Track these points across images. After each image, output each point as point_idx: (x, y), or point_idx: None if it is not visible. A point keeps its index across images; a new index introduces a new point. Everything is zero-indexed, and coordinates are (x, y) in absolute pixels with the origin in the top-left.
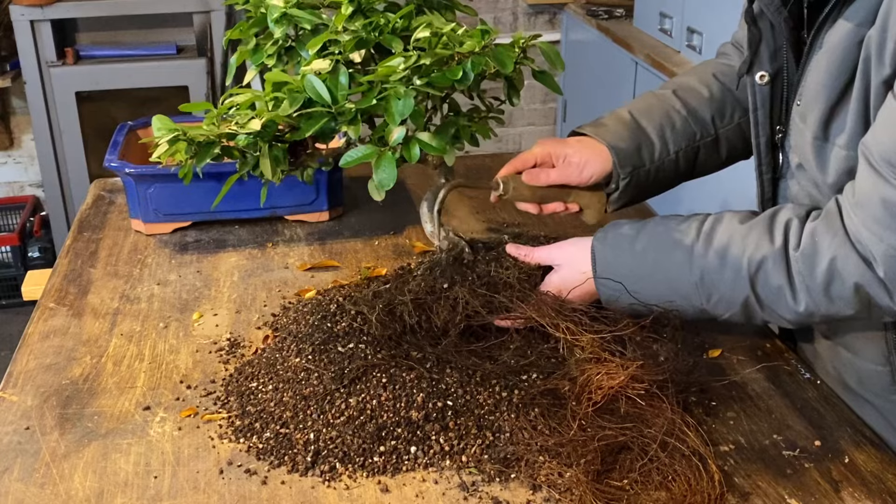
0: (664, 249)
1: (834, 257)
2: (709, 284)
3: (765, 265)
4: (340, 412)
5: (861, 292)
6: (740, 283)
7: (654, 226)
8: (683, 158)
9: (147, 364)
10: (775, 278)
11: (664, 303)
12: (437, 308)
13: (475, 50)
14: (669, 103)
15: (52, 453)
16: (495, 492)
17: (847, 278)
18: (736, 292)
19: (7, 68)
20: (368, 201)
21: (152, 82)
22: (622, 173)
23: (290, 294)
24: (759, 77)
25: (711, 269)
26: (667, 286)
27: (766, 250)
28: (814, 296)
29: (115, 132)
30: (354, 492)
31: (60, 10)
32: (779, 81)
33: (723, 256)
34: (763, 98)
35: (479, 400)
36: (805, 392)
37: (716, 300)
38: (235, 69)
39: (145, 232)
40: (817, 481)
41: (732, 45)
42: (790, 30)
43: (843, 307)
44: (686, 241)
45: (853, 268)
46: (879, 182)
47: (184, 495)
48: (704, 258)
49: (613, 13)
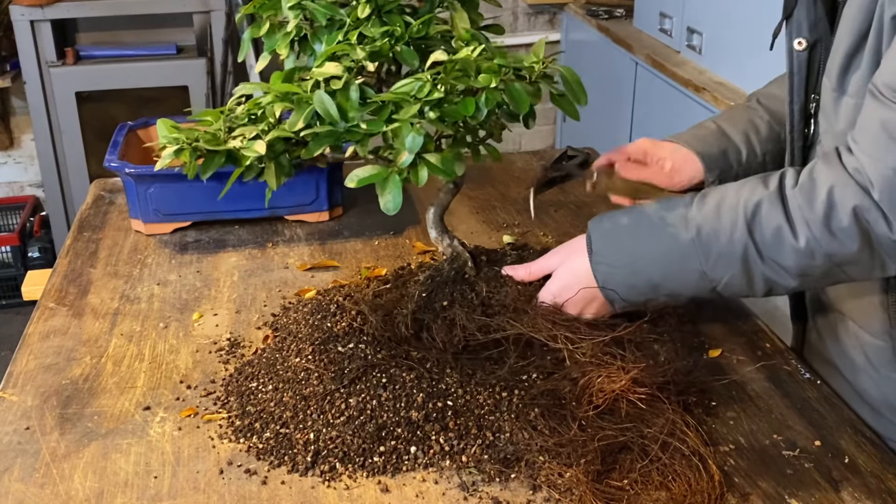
0: (659, 215)
1: (832, 186)
2: (706, 239)
3: (761, 207)
4: (340, 412)
5: (860, 221)
6: (738, 231)
7: (651, 203)
8: (771, 161)
9: (147, 364)
10: (773, 218)
11: (661, 278)
12: (435, 328)
13: (491, 85)
14: (752, 110)
15: (52, 453)
16: (495, 492)
17: (846, 204)
18: (734, 243)
19: (7, 68)
20: (368, 201)
21: (152, 82)
22: (710, 177)
23: (290, 294)
24: (796, 43)
25: (707, 222)
26: (664, 251)
27: (762, 193)
28: (814, 229)
29: (115, 132)
30: (354, 492)
31: (60, 10)
32: (817, 51)
33: (718, 208)
34: (800, 64)
35: (479, 400)
36: (805, 392)
37: (714, 257)
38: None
39: (145, 232)
40: (817, 481)
41: None
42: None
43: (845, 240)
44: (680, 205)
45: (851, 194)
46: (880, 107)
47: (184, 495)
48: (700, 213)
49: (613, 13)
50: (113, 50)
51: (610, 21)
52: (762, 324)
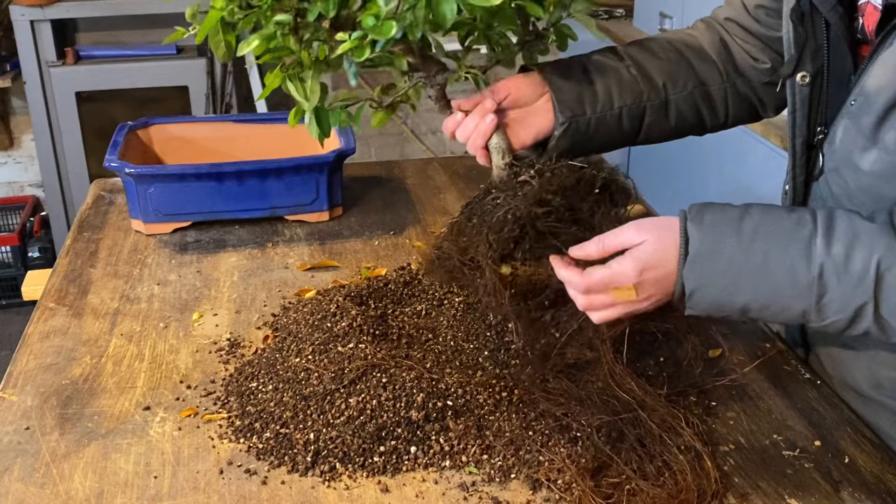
0: (778, 237)
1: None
2: (826, 282)
3: (894, 270)
4: (340, 412)
5: None
6: (863, 285)
7: (759, 211)
8: (627, 115)
9: (147, 364)
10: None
11: (757, 308)
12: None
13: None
14: (621, 61)
15: (52, 453)
16: (495, 492)
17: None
18: (855, 295)
19: (7, 68)
20: (368, 201)
21: (152, 82)
22: (561, 118)
23: (290, 294)
24: (799, 77)
25: (833, 268)
26: (775, 282)
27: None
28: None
29: (115, 132)
30: (354, 492)
31: (60, 10)
32: (819, 81)
33: (847, 255)
34: (803, 99)
35: (479, 400)
36: (805, 392)
37: (826, 301)
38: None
39: (145, 232)
40: (817, 481)
41: (704, 22)
42: (846, 28)
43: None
44: (803, 231)
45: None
46: None
47: (184, 495)
48: (827, 252)
49: (613, 13)
50: (113, 50)
51: (610, 21)
52: (762, 324)
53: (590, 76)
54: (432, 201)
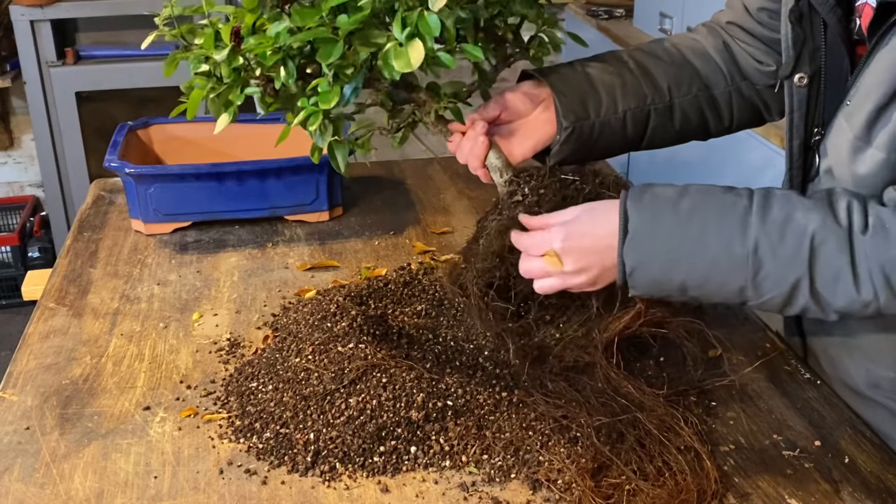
0: (714, 214)
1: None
2: (762, 257)
3: (827, 245)
4: (340, 412)
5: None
6: (798, 259)
7: (696, 190)
8: (631, 119)
9: (147, 364)
10: (837, 260)
11: (696, 284)
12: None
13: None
14: (624, 65)
15: (52, 453)
16: (495, 492)
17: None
18: (790, 270)
19: (7, 68)
20: (368, 201)
21: (152, 82)
22: (564, 122)
23: (290, 294)
24: (797, 78)
25: (769, 241)
26: (711, 257)
27: (831, 229)
28: (877, 285)
29: (115, 132)
30: (354, 492)
31: (60, 10)
32: (816, 82)
33: (783, 228)
34: (800, 100)
35: (479, 400)
36: (805, 392)
37: (762, 277)
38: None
39: (145, 232)
40: (817, 481)
41: (706, 27)
42: (844, 29)
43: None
44: (738, 207)
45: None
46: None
47: (184, 495)
48: (762, 227)
49: (613, 13)
50: (113, 50)
51: (610, 21)
52: (762, 324)
53: (592, 80)
54: (432, 201)
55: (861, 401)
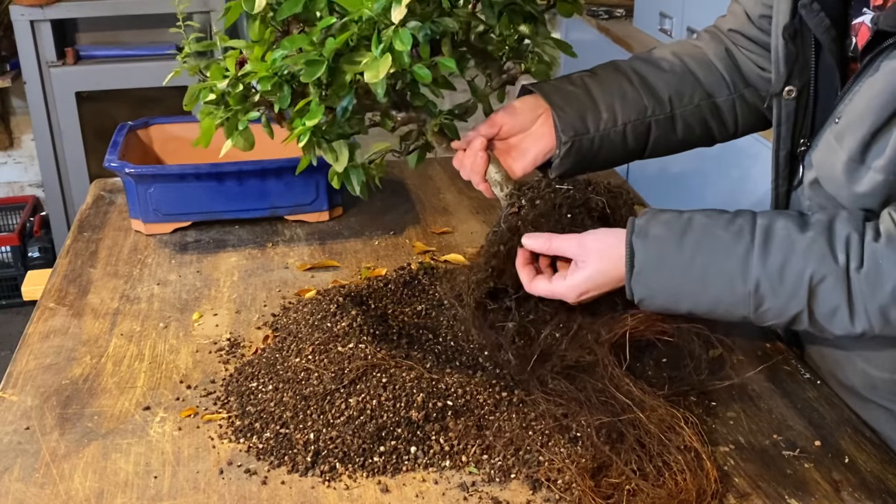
0: (716, 254)
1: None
2: (762, 295)
3: (825, 283)
4: (340, 412)
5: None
6: (797, 298)
7: (700, 225)
8: (632, 131)
9: (147, 364)
10: (835, 298)
11: (702, 312)
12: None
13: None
14: (623, 75)
15: (52, 453)
16: (495, 492)
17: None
18: (790, 306)
19: (7, 68)
20: (368, 201)
21: (152, 82)
22: (563, 137)
23: (290, 294)
24: (786, 91)
25: (768, 282)
26: (715, 294)
27: (829, 268)
28: (872, 318)
29: (115, 132)
30: (354, 492)
31: (60, 10)
32: (805, 95)
33: (782, 269)
34: (788, 112)
35: (479, 400)
36: (805, 392)
37: (764, 310)
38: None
39: (145, 232)
40: (817, 481)
41: (709, 33)
42: (837, 48)
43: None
44: (739, 247)
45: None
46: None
47: (184, 495)
48: (762, 268)
49: (613, 13)
50: (113, 50)
51: (610, 21)
52: None
53: (591, 93)
54: (432, 201)
55: (860, 402)
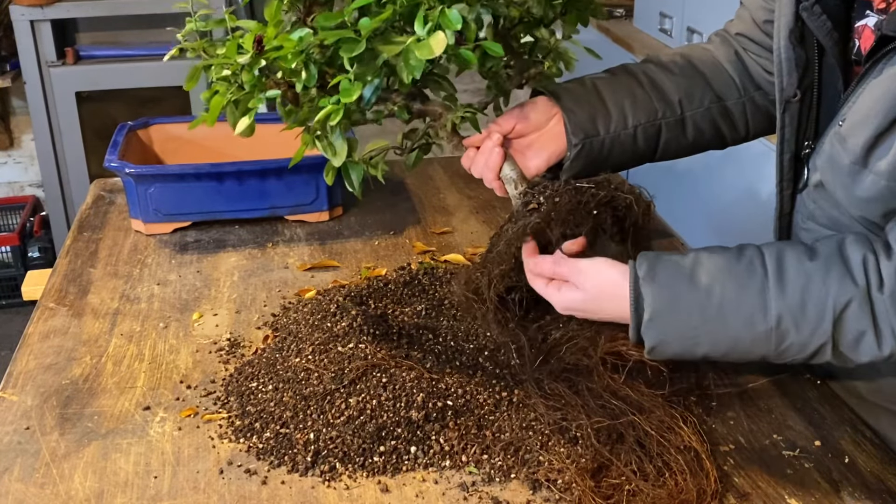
0: (731, 289)
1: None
2: (785, 330)
3: (849, 309)
4: (340, 412)
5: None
6: (821, 330)
7: (708, 260)
8: (642, 133)
9: (147, 364)
10: (860, 322)
11: (719, 356)
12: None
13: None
14: (634, 78)
15: (52, 453)
16: (495, 492)
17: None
18: (814, 339)
19: (7, 68)
20: (368, 201)
21: (152, 82)
22: (574, 139)
23: (290, 294)
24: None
25: (790, 316)
26: (732, 333)
27: (851, 292)
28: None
29: (115, 132)
30: (354, 492)
31: (60, 10)
32: (807, 98)
33: (803, 301)
34: (792, 115)
35: (479, 400)
36: (805, 392)
37: (786, 346)
38: None
39: (145, 232)
40: (817, 481)
41: (719, 36)
42: (840, 51)
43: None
44: (755, 281)
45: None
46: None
47: (184, 495)
48: (782, 301)
49: (613, 13)
50: (113, 50)
51: (610, 21)
52: None
53: (602, 96)
54: (432, 201)
55: (860, 402)
